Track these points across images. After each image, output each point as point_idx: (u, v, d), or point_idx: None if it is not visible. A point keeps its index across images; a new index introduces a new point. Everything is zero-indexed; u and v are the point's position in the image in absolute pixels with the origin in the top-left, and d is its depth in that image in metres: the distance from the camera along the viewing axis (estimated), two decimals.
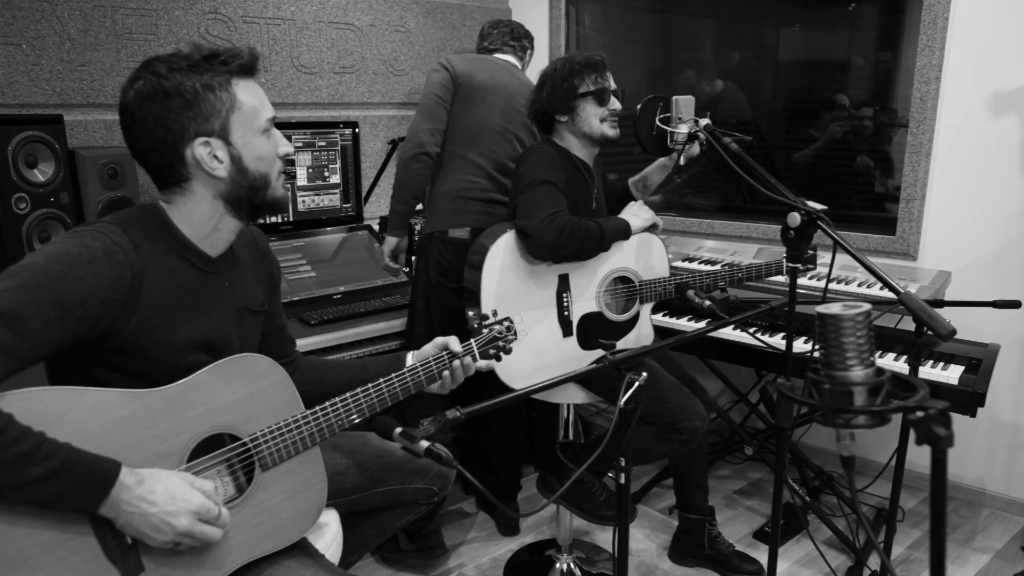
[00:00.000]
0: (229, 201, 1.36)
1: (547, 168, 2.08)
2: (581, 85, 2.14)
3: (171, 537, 1.19)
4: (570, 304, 2.13)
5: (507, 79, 2.66)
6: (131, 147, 1.32)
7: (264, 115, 1.36)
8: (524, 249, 2.06)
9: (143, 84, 1.27)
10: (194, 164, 1.31)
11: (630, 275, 2.22)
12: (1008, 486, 2.78)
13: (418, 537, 2.47)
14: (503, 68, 2.71)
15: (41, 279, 1.15)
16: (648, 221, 2.20)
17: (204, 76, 1.29)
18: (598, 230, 2.05)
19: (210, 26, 2.78)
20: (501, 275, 2.05)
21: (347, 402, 1.44)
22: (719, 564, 2.41)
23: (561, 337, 2.13)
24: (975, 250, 2.67)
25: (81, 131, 2.53)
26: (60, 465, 1.10)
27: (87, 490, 1.12)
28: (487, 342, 1.64)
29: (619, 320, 2.21)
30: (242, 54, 1.33)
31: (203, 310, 1.37)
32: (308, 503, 1.42)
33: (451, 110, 2.58)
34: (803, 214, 1.64)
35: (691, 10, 3.50)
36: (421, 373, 1.54)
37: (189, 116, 1.28)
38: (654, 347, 1.47)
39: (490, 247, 2.04)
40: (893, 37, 2.85)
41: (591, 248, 2.07)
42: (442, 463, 1.20)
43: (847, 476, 0.97)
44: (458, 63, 2.61)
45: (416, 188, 2.59)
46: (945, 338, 1.35)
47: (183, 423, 1.27)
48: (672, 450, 2.14)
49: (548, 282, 2.11)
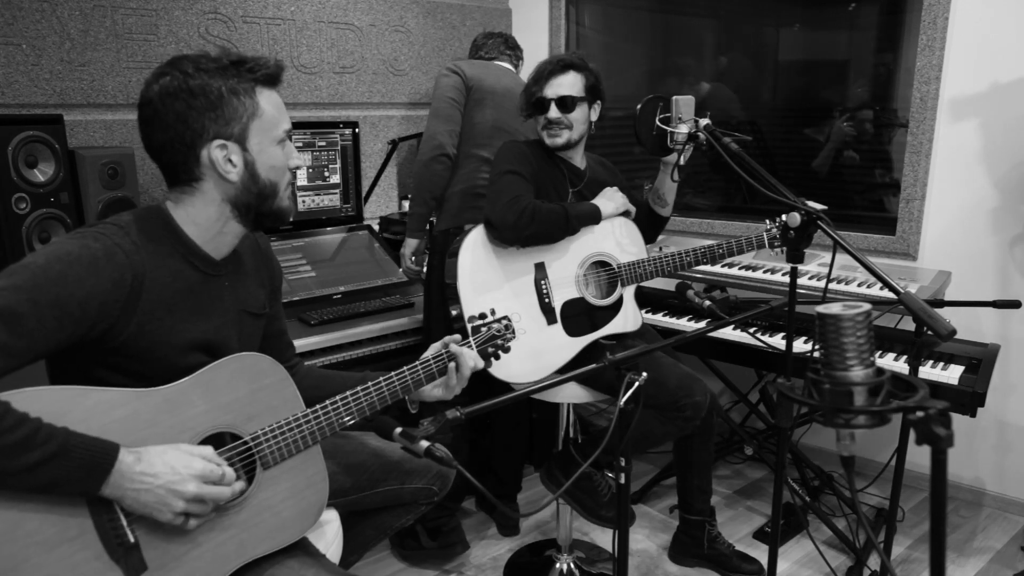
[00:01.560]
0: (237, 206, 1.36)
1: (512, 160, 2.18)
2: (528, 92, 2.25)
3: (182, 507, 1.20)
4: (550, 291, 2.16)
5: (512, 83, 2.75)
6: (147, 140, 1.33)
7: (282, 126, 1.37)
8: (492, 238, 2.12)
9: (169, 80, 1.28)
10: (208, 165, 1.32)
11: (608, 259, 2.24)
12: (1008, 486, 2.78)
13: (439, 534, 2.50)
14: (507, 72, 2.81)
15: (40, 279, 1.15)
16: (621, 207, 2.26)
17: (230, 80, 1.30)
18: (561, 211, 2.11)
19: (210, 26, 2.78)
20: (475, 269, 2.09)
21: (347, 400, 1.44)
22: (719, 564, 2.41)
23: (546, 325, 2.15)
24: (975, 250, 2.67)
25: (81, 131, 2.53)
26: (59, 449, 1.10)
27: (86, 473, 1.13)
28: (485, 340, 1.64)
29: (603, 304, 2.22)
30: (268, 64, 1.35)
31: (204, 312, 1.37)
32: (309, 502, 1.42)
33: (464, 112, 2.68)
34: (803, 214, 1.64)
35: (691, 10, 3.50)
36: (421, 371, 1.54)
37: (211, 117, 1.29)
38: (654, 347, 1.47)
39: (462, 243, 2.10)
40: (893, 37, 2.85)
41: (555, 229, 2.12)
42: (442, 463, 1.20)
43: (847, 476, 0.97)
44: (468, 68, 2.70)
45: (436, 189, 2.66)
46: (945, 338, 1.35)
47: (184, 422, 1.27)
48: (678, 429, 2.12)
49: (524, 271, 2.14)
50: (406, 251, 2.79)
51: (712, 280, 2.76)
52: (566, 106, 2.21)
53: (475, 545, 2.61)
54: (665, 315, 2.76)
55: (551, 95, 2.21)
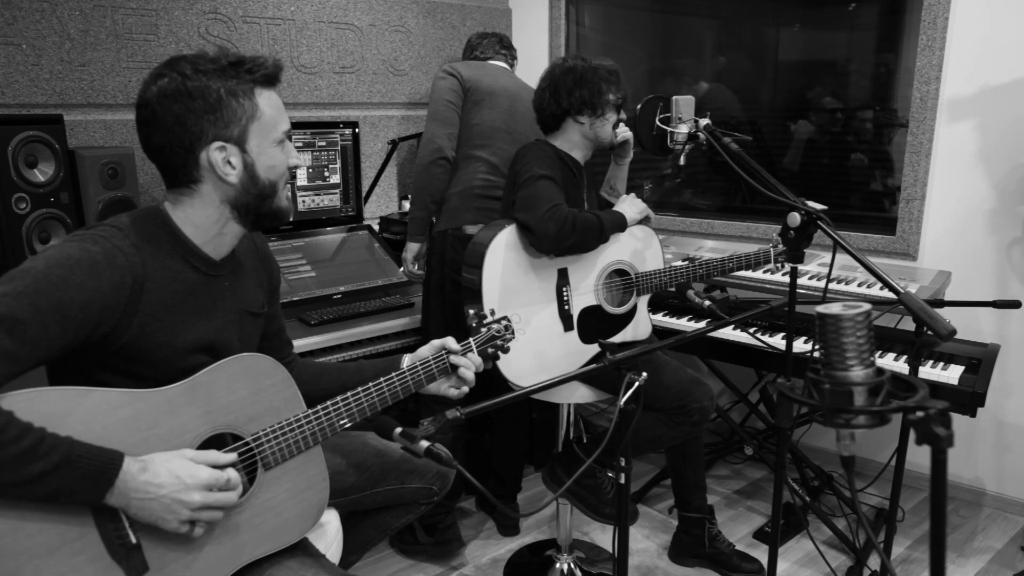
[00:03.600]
0: (236, 207, 1.36)
1: (544, 164, 2.12)
2: (609, 92, 2.20)
3: (187, 515, 1.20)
4: (570, 298, 2.15)
5: (510, 82, 2.76)
6: (145, 142, 1.32)
7: (281, 127, 1.36)
8: (525, 243, 2.08)
9: (167, 82, 1.27)
10: (207, 167, 1.31)
11: (626, 267, 2.24)
12: (1007, 486, 2.78)
13: (435, 531, 2.51)
14: (504, 72, 2.83)
15: (41, 284, 1.15)
16: (642, 212, 2.26)
17: (229, 82, 1.29)
18: (597, 222, 2.10)
19: (210, 26, 2.78)
20: (504, 272, 2.05)
21: (348, 401, 1.44)
22: (719, 563, 2.41)
23: (563, 332, 2.14)
24: (975, 250, 2.67)
25: (81, 131, 2.53)
26: (62, 459, 1.10)
27: (91, 483, 1.13)
28: (485, 341, 1.64)
29: (617, 313, 2.22)
30: (267, 64, 1.33)
31: (205, 313, 1.37)
32: (310, 502, 1.42)
33: (461, 114, 2.67)
34: (803, 214, 1.64)
35: (691, 10, 3.50)
36: (421, 372, 1.54)
37: (210, 120, 1.28)
38: (654, 347, 1.47)
39: (489, 244, 2.04)
40: (893, 37, 2.85)
41: (592, 239, 2.10)
42: (442, 463, 1.20)
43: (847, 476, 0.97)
44: (464, 69, 2.69)
45: (436, 192, 2.66)
46: (945, 338, 1.35)
47: (185, 423, 1.27)
48: (684, 433, 2.14)
49: (548, 277, 2.13)
50: (408, 255, 2.79)
51: (712, 280, 2.76)
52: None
53: (475, 545, 2.61)
54: (665, 315, 2.76)
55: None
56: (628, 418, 1.40)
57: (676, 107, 2.06)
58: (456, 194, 2.66)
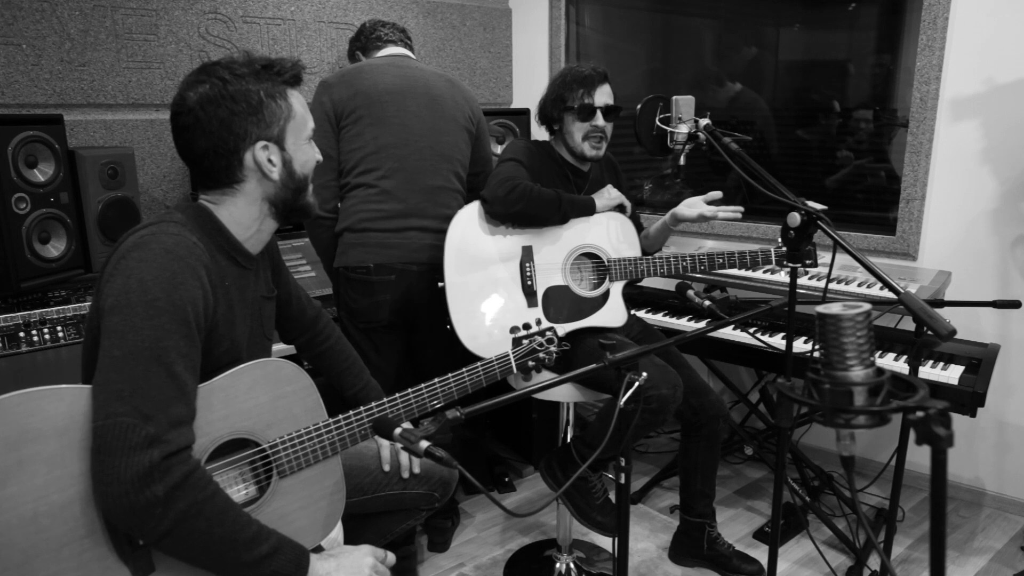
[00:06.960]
0: (275, 203, 1.42)
1: (517, 151, 2.23)
2: (568, 98, 2.23)
3: None
4: (534, 274, 2.19)
5: (408, 65, 2.39)
6: (186, 148, 1.35)
7: (309, 124, 1.44)
8: (489, 218, 2.16)
9: (208, 88, 1.31)
10: (252, 167, 1.36)
11: (598, 252, 2.26)
12: (1008, 486, 2.78)
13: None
14: (397, 60, 2.41)
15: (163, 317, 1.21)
16: (615, 200, 2.29)
17: (265, 84, 1.35)
18: (555, 196, 2.15)
19: (210, 26, 2.78)
20: (464, 240, 2.15)
21: (372, 412, 1.47)
22: (719, 565, 2.41)
23: (526, 306, 2.17)
24: (975, 250, 2.67)
25: (81, 131, 2.53)
26: (277, 544, 1.25)
27: (295, 567, 1.26)
28: (526, 354, 1.64)
29: (588, 296, 2.24)
30: (293, 65, 1.40)
31: (246, 305, 1.42)
32: (325, 513, 1.42)
33: (339, 139, 2.29)
34: (803, 214, 1.64)
35: (691, 10, 3.50)
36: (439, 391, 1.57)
37: (252, 121, 1.33)
38: (654, 347, 1.47)
39: (455, 217, 2.16)
40: (893, 37, 2.85)
41: (545, 210, 2.15)
42: (442, 463, 1.19)
43: (847, 476, 0.97)
44: (336, 90, 2.28)
45: (330, 251, 2.35)
46: (945, 338, 1.35)
47: (202, 427, 1.27)
48: (643, 421, 2.01)
49: (511, 252, 2.19)
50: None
51: (712, 280, 2.76)
52: (609, 115, 2.24)
53: (475, 545, 2.61)
54: (665, 315, 2.76)
55: (600, 103, 2.22)
56: (628, 418, 1.40)
57: (676, 107, 2.06)
58: (344, 230, 2.29)
